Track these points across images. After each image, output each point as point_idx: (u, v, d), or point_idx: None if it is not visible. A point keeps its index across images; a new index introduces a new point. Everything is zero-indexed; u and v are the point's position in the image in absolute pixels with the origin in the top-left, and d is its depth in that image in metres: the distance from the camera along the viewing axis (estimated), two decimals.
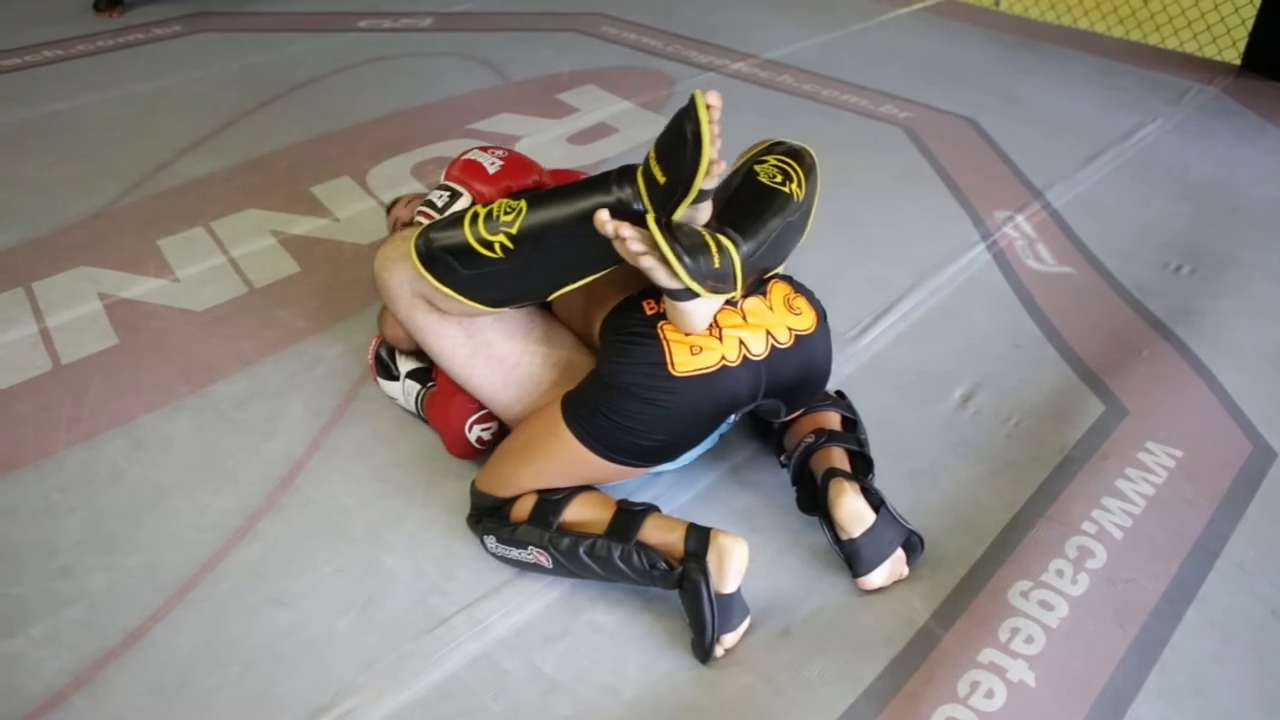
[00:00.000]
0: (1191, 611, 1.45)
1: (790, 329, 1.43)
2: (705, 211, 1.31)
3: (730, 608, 1.35)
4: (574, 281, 1.39)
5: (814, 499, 1.51)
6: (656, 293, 1.41)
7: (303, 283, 2.16)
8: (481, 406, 1.59)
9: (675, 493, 1.63)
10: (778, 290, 1.46)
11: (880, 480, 1.67)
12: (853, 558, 1.44)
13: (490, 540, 1.46)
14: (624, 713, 1.29)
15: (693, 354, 1.36)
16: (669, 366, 1.35)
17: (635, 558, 1.36)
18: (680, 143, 1.23)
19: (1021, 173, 2.77)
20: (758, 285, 1.45)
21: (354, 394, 1.84)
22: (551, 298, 1.45)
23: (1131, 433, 1.80)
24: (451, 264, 1.37)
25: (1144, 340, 2.07)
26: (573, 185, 1.35)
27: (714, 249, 1.26)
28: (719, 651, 1.35)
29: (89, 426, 1.74)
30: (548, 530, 1.41)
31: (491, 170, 1.66)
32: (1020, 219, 2.51)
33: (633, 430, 1.37)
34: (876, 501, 1.46)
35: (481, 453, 1.62)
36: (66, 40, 3.50)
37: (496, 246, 1.34)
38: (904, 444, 1.76)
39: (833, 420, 1.60)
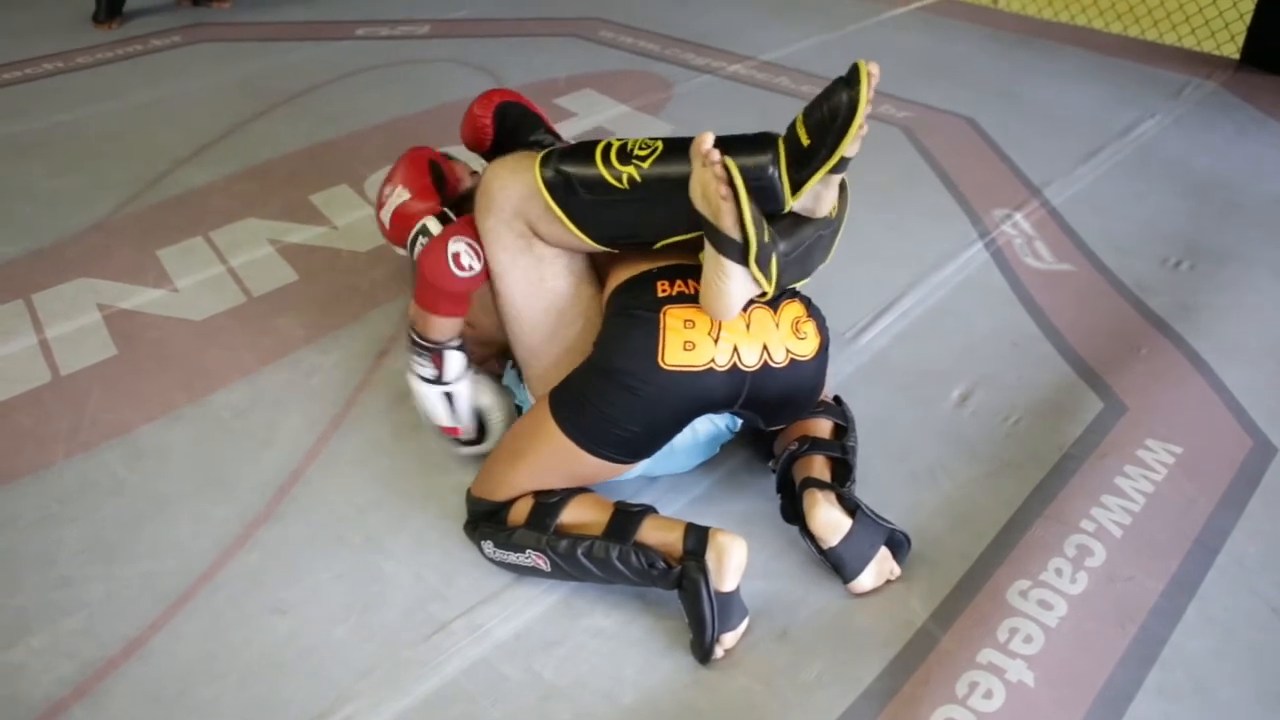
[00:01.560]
0: (1191, 609, 1.45)
1: (789, 351, 1.43)
2: (833, 188, 1.36)
3: (729, 606, 1.35)
4: (681, 232, 1.39)
5: (795, 508, 1.50)
6: (672, 274, 1.42)
7: (301, 291, 2.16)
8: (466, 234, 1.51)
9: (672, 497, 1.63)
10: (790, 310, 1.45)
11: (879, 480, 1.67)
12: (837, 564, 1.45)
13: (488, 545, 1.46)
14: (622, 717, 1.29)
15: (685, 349, 1.37)
16: (659, 357, 1.36)
17: (634, 558, 1.36)
18: (834, 107, 1.26)
19: (1020, 170, 2.76)
20: (774, 298, 1.44)
21: (353, 402, 1.84)
22: (657, 245, 1.43)
23: (1131, 430, 1.79)
24: (575, 188, 1.38)
25: (1143, 337, 2.06)
26: (715, 137, 1.35)
27: (768, 232, 1.29)
28: (719, 652, 1.35)
29: (88, 437, 1.74)
30: (545, 533, 1.41)
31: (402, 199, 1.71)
32: (1019, 217, 2.51)
33: (612, 420, 1.39)
34: (852, 506, 1.46)
35: (466, 280, 1.50)
36: (67, 52, 3.52)
37: (624, 178, 1.36)
38: (903, 443, 1.76)
39: (821, 428, 1.60)
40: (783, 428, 1.62)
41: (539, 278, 1.49)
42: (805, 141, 1.29)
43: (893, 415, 1.83)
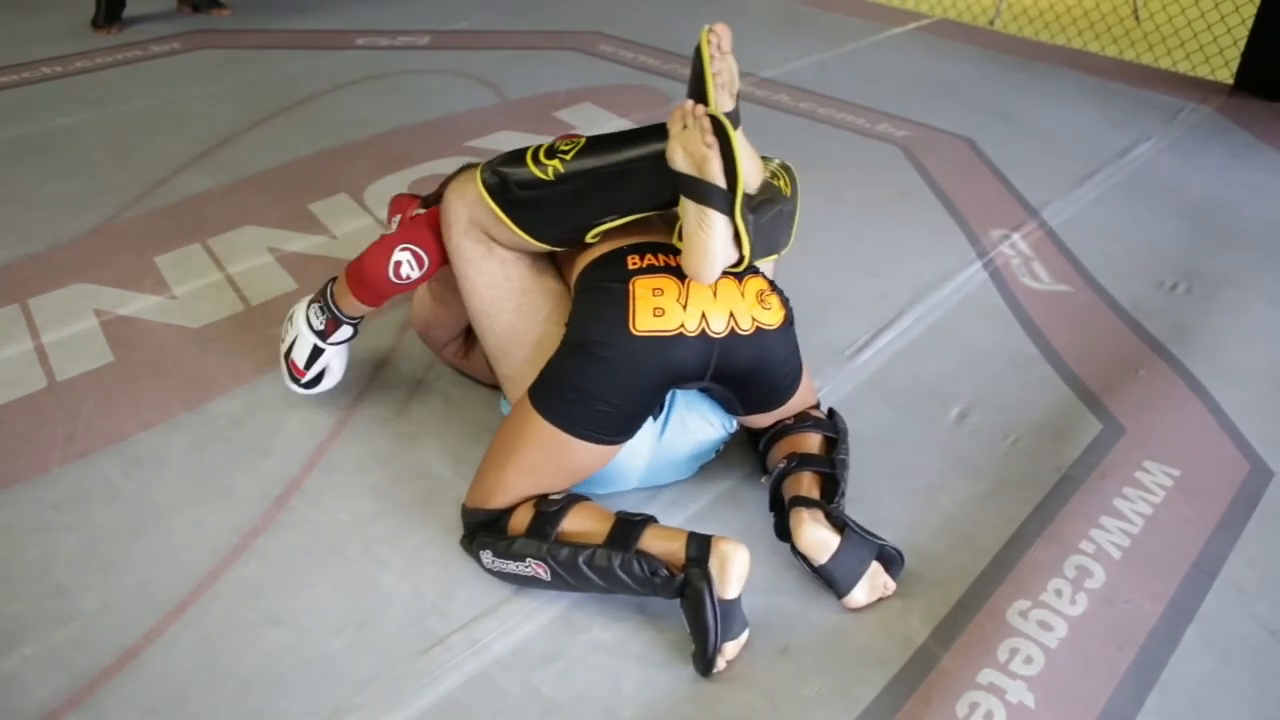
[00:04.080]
0: (1190, 632, 1.45)
1: (754, 319, 1.47)
2: (754, 158, 1.46)
3: (731, 615, 1.35)
4: (613, 217, 1.47)
5: (786, 526, 1.50)
6: (642, 249, 1.48)
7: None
8: (417, 242, 1.62)
9: (672, 512, 1.63)
10: (753, 283, 1.49)
11: (878, 497, 1.67)
12: (829, 581, 1.45)
13: (486, 555, 1.45)
14: None
15: (654, 315, 1.41)
16: (630, 324, 1.41)
17: (636, 566, 1.35)
18: (694, 69, 1.40)
19: (1017, 191, 2.78)
20: (737, 272, 1.47)
21: (351, 410, 1.83)
22: (589, 237, 1.50)
23: (1129, 452, 1.80)
24: (509, 186, 1.48)
25: (1141, 359, 2.07)
26: (629, 130, 1.49)
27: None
28: (720, 663, 1.34)
29: (84, 444, 1.73)
30: (546, 541, 1.41)
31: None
32: (1016, 237, 2.52)
33: (590, 395, 1.42)
34: (840, 524, 1.46)
35: (399, 286, 1.63)
36: (66, 57, 3.51)
37: (550, 171, 1.46)
38: (902, 462, 1.76)
39: (810, 442, 1.60)
40: (773, 441, 1.62)
41: (504, 278, 1.57)
42: None
43: (892, 433, 1.83)
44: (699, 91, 1.40)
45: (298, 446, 1.74)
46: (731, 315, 1.45)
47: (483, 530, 1.48)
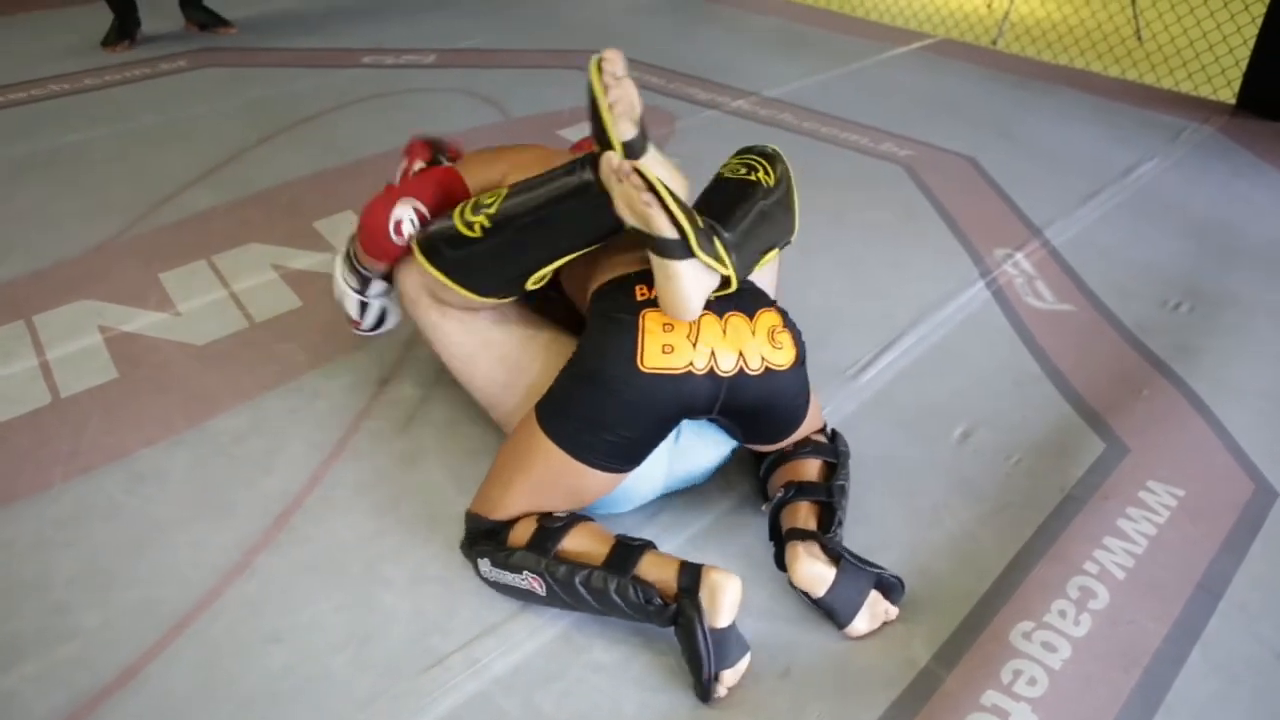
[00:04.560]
0: (1195, 653, 1.44)
1: (764, 359, 1.45)
2: (667, 167, 1.48)
3: (726, 643, 1.34)
4: (546, 263, 1.49)
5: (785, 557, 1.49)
6: (651, 278, 1.43)
7: (304, 317, 2.16)
8: (419, 196, 1.62)
9: (674, 532, 1.62)
10: (766, 319, 1.47)
11: (881, 517, 1.67)
12: (829, 613, 1.44)
13: (484, 564, 1.46)
14: None
15: (664, 353, 1.40)
16: (638, 360, 1.39)
17: (631, 592, 1.35)
18: (592, 111, 1.43)
19: (1021, 210, 2.78)
20: (749, 305, 1.46)
21: (354, 429, 1.83)
22: (530, 284, 1.52)
23: (1133, 471, 1.79)
24: (441, 248, 1.52)
25: (1144, 378, 2.07)
26: (546, 173, 1.48)
27: (701, 219, 1.37)
28: (720, 691, 1.34)
29: (87, 460, 1.73)
30: (545, 557, 1.41)
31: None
32: (1020, 256, 2.52)
33: (599, 424, 1.41)
34: (836, 555, 1.44)
35: (399, 248, 1.62)
36: (73, 75, 3.54)
37: (477, 227, 1.48)
38: (905, 481, 1.76)
39: (809, 469, 1.59)
40: (774, 466, 1.61)
41: (472, 331, 1.62)
42: (598, 149, 1.45)
43: (895, 452, 1.83)
44: (599, 129, 1.42)
45: (300, 464, 1.74)
46: (741, 354, 1.43)
47: (484, 538, 1.48)
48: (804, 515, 1.51)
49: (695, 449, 1.59)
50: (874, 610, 1.44)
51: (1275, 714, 1.37)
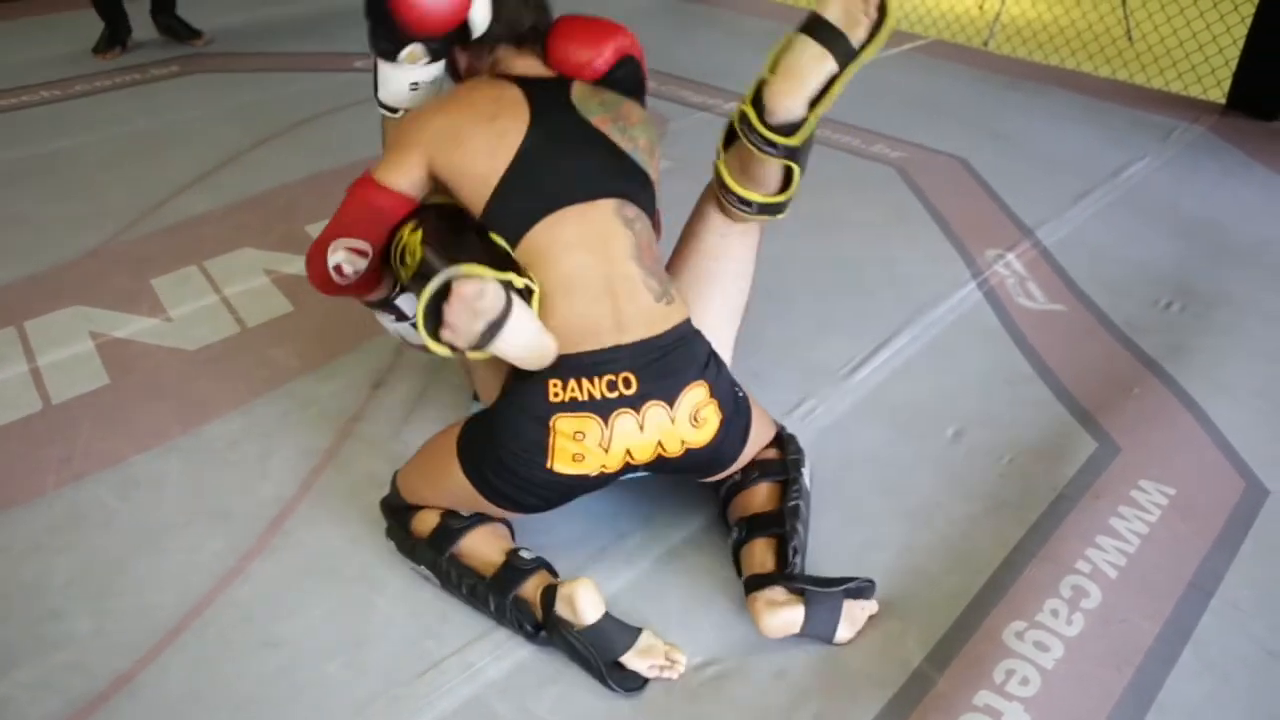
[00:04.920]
0: (1187, 652, 1.44)
1: (684, 442, 1.42)
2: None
3: (604, 635, 1.35)
4: None
5: None
6: (564, 373, 1.37)
7: (296, 322, 2.16)
8: (349, 232, 1.51)
9: (649, 547, 1.62)
10: (689, 399, 1.40)
11: (873, 517, 1.67)
12: (813, 638, 1.43)
13: (395, 544, 1.53)
14: None
15: (574, 461, 1.38)
16: (548, 464, 1.38)
17: (508, 614, 1.40)
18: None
19: (1012, 211, 2.79)
20: (672, 387, 1.39)
21: (347, 433, 1.83)
22: None
23: (1124, 470, 1.80)
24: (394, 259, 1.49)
25: (1135, 378, 2.07)
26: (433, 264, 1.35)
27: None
28: (641, 666, 1.36)
29: (79, 467, 1.73)
30: (440, 556, 1.45)
31: None
32: (1011, 257, 2.53)
33: (507, 485, 1.42)
34: (800, 589, 1.41)
35: (338, 287, 1.53)
36: (65, 80, 3.53)
37: (406, 274, 1.42)
38: (897, 482, 1.76)
39: (760, 499, 1.55)
40: (727, 501, 1.59)
41: None
42: None
43: (887, 452, 1.84)
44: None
45: (293, 469, 1.74)
46: (659, 444, 1.40)
47: (394, 514, 1.53)
48: (760, 556, 1.48)
49: None
50: (853, 617, 1.43)
51: (1268, 712, 1.37)
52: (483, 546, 1.46)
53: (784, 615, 1.39)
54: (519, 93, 1.52)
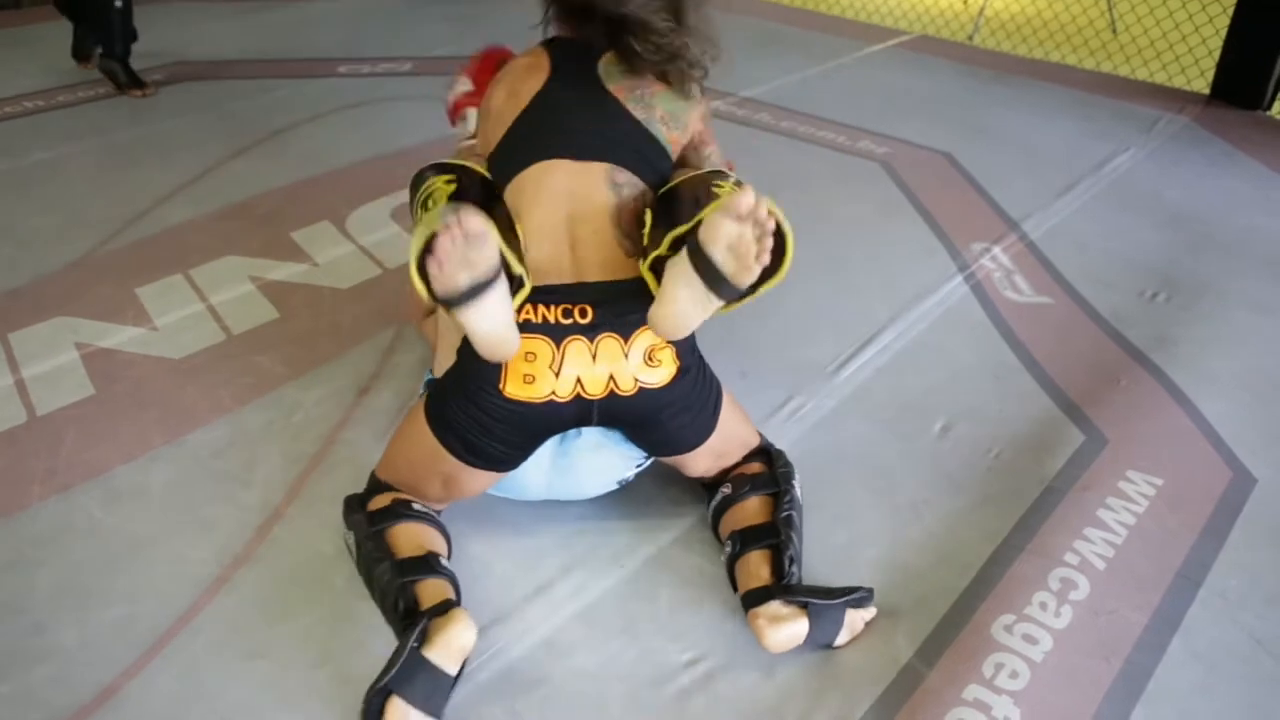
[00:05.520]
0: (1175, 642, 1.45)
1: (637, 380, 1.43)
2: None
3: (419, 674, 1.26)
4: None
5: None
6: (528, 298, 1.41)
7: (282, 329, 2.15)
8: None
9: (642, 546, 1.62)
10: (645, 336, 1.42)
11: (861, 513, 1.67)
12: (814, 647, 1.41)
13: (344, 509, 1.55)
14: None
15: (525, 382, 1.40)
16: (501, 385, 1.41)
17: (392, 596, 1.37)
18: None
19: (998, 204, 2.79)
20: (628, 325, 1.42)
21: (333, 439, 1.83)
22: None
23: (1112, 462, 1.80)
24: (411, 196, 1.52)
25: (1122, 369, 2.08)
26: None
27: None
28: (391, 711, 1.25)
29: (64, 478, 1.72)
30: (370, 528, 1.46)
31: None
32: (997, 250, 2.53)
33: (469, 430, 1.44)
34: (803, 602, 1.39)
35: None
36: (47, 91, 3.51)
37: (416, 218, 1.47)
38: (885, 477, 1.76)
39: (751, 511, 1.53)
40: (718, 517, 1.57)
41: None
42: None
43: (874, 448, 1.83)
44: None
45: (279, 476, 1.73)
46: (611, 377, 1.41)
47: (361, 494, 1.55)
48: (755, 568, 1.46)
49: (583, 465, 1.54)
50: (853, 625, 1.42)
51: (1255, 701, 1.37)
52: (411, 538, 1.45)
53: (788, 630, 1.37)
54: (546, 54, 1.61)
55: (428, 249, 1.22)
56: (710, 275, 1.30)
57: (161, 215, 2.64)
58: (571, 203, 1.47)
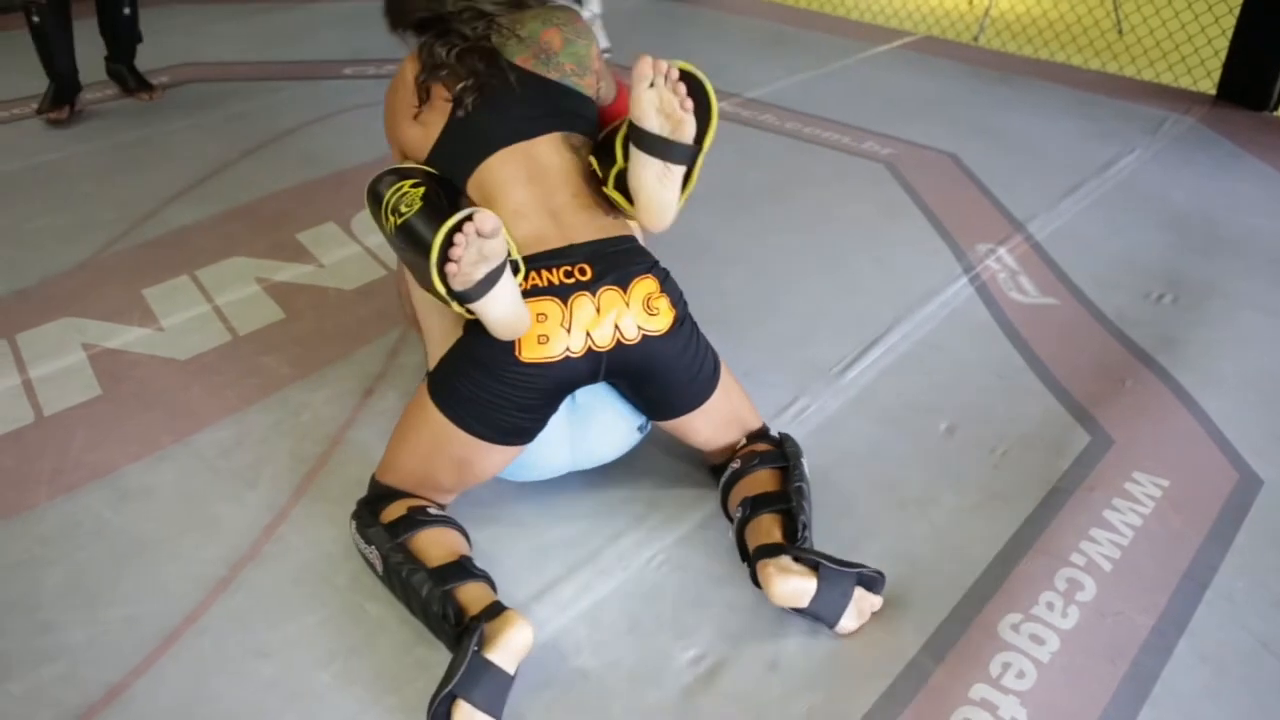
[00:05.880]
0: (1182, 644, 1.44)
1: (640, 327, 1.48)
2: None
3: (482, 676, 1.26)
4: (434, 297, 1.43)
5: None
6: (531, 263, 1.47)
7: (288, 329, 2.16)
8: None
9: (664, 531, 1.63)
10: (641, 287, 1.49)
11: (868, 512, 1.67)
12: (815, 618, 1.41)
13: (353, 525, 1.53)
14: None
15: (540, 343, 1.44)
16: (516, 352, 1.43)
17: (436, 603, 1.35)
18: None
19: (1003, 205, 2.79)
20: (625, 275, 1.48)
21: (339, 440, 1.83)
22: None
23: (1118, 463, 1.80)
24: (373, 209, 1.53)
25: (1128, 370, 2.07)
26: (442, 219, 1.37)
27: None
28: (458, 715, 1.25)
29: (72, 478, 1.73)
30: (392, 540, 1.44)
31: None
32: (1002, 251, 2.53)
33: (483, 401, 1.45)
34: (813, 563, 1.40)
35: None
36: None
37: (390, 226, 1.47)
38: (891, 476, 1.76)
39: (762, 481, 1.56)
40: (728, 490, 1.58)
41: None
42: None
43: (881, 448, 1.83)
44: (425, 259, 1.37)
45: (285, 477, 1.74)
46: (616, 327, 1.47)
47: (366, 505, 1.53)
48: (766, 528, 1.48)
49: (598, 427, 1.59)
50: (860, 606, 1.43)
51: (1262, 703, 1.37)
52: (435, 544, 1.45)
53: (795, 583, 1.37)
54: (441, 59, 1.62)
55: (445, 254, 1.29)
56: (657, 146, 1.43)
57: (168, 216, 2.65)
58: (540, 178, 1.54)
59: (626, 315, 1.47)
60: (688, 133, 1.42)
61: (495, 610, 1.32)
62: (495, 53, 1.61)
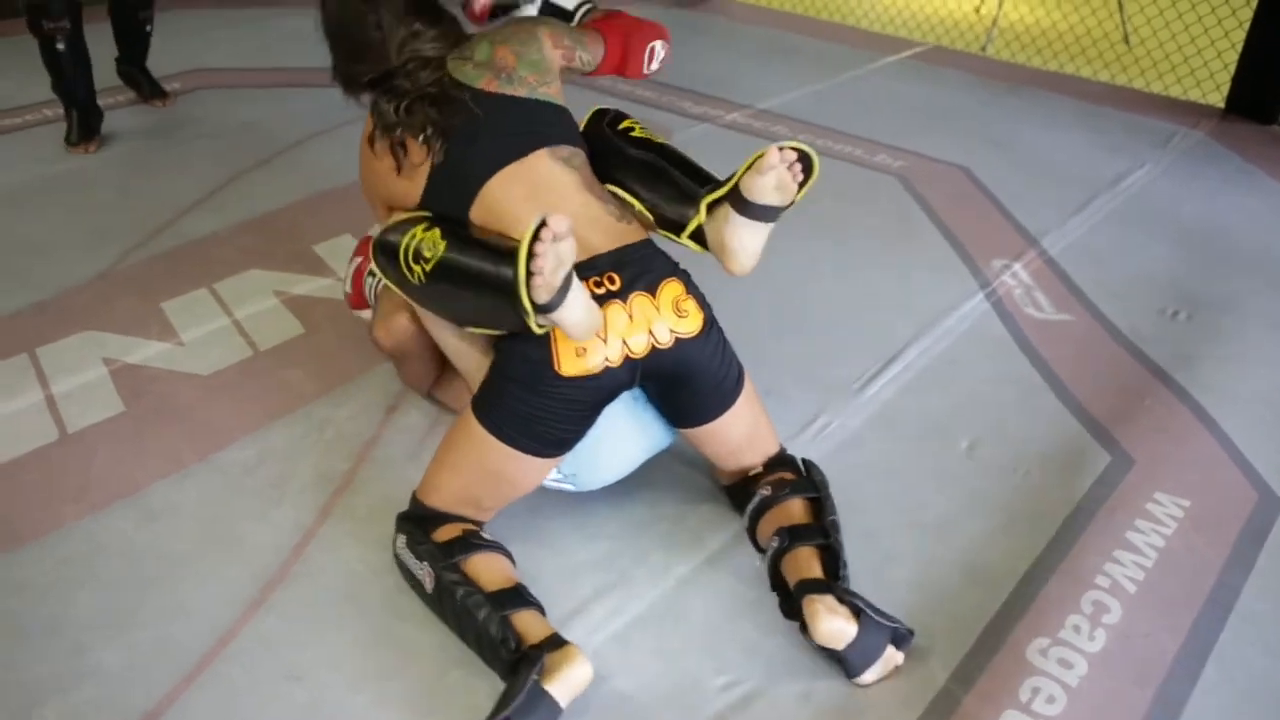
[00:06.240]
0: (1210, 667, 1.45)
1: (672, 331, 1.50)
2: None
3: (539, 707, 1.28)
4: (477, 327, 1.52)
5: (792, 605, 1.45)
6: None
7: (308, 344, 2.16)
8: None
9: (689, 553, 1.63)
10: (669, 290, 1.51)
11: (890, 532, 1.68)
12: (841, 663, 1.41)
13: (401, 540, 1.52)
14: None
15: (578, 356, 1.45)
16: (555, 367, 1.44)
17: (494, 627, 1.35)
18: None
19: (1016, 220, 2.80)
20: (653, 280, 1.50)
21: (364, 456, 1.83)
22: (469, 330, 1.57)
23: (1139, 483, 1.81)
24: (386, 265, 1.56)
25: (1146, 388, 2.09)
26: (481, 248, 1.43)
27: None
28: None
29: (97, 497, 1.73)
30: (448, 559, 1.44)
31: None
32: (1017, 267, 2.54)
33: (526, 416, 1.47)
34: (856, 609, 1.39)
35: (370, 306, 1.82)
36: None
37: (418, 274, 1.48)
38: (913, 496, 1.77)
39: (795, 511, 1.55)
40: (757, 517, 1.58)
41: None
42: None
43: (901, 466, 1.84)
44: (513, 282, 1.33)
45: (311, 494, 1.74)
46: (650, 333, 1.48)
47: (413, 522, 1.54)
48: (806, 562, 1.47)
49: (633, 423, 1.62)
50: (885, 662, 1.41)
51: None
52: (490, 569, 1.46)
53: (839, 624, 1.38)
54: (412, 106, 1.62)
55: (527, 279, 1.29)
56: (766, 214, 1.49)
57: (184, 227, 2.65)
58: (544, 193, 1.54)
59: (659, 320, 1.49)
60: (794, 197, 1.49)
61: (556, 643, 1.33)
62: (446, 92, 1.58)
